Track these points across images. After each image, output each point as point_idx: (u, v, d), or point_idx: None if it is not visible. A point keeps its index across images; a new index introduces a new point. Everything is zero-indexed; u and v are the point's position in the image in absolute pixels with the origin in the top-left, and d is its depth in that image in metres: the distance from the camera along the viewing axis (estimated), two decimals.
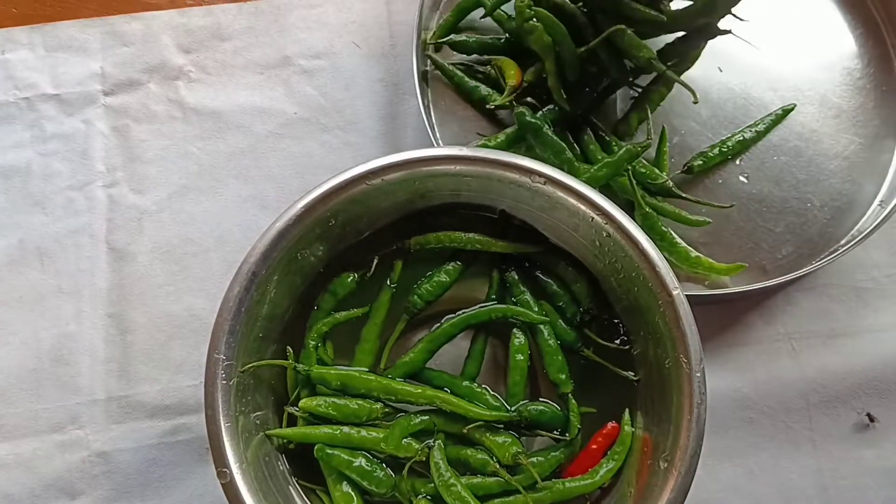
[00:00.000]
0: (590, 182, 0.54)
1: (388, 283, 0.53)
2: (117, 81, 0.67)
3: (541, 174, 0.46)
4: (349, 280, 0.52)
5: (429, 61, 0.65)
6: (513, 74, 0.62)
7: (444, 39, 0.66)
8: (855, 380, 0.58)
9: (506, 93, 0.62)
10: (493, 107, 0.62)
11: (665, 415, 0.44)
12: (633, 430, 0.48)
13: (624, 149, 0.58)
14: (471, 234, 0.53)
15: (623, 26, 0.57)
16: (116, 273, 0.61)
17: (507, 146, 0.61)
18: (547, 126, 0.59)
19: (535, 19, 0.58)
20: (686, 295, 0.44)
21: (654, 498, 0.42)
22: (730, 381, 0.58)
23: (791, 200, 0.62)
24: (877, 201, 0.62)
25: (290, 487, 0.47)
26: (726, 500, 0.55)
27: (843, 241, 0.60)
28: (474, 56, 0.66)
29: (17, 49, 0.68)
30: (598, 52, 0.59)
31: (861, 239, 0.58)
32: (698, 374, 0.42)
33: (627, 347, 0.50)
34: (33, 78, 0.67)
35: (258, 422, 0.46)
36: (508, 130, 0.61)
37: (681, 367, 0.43)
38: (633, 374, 0.49)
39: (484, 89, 0.64)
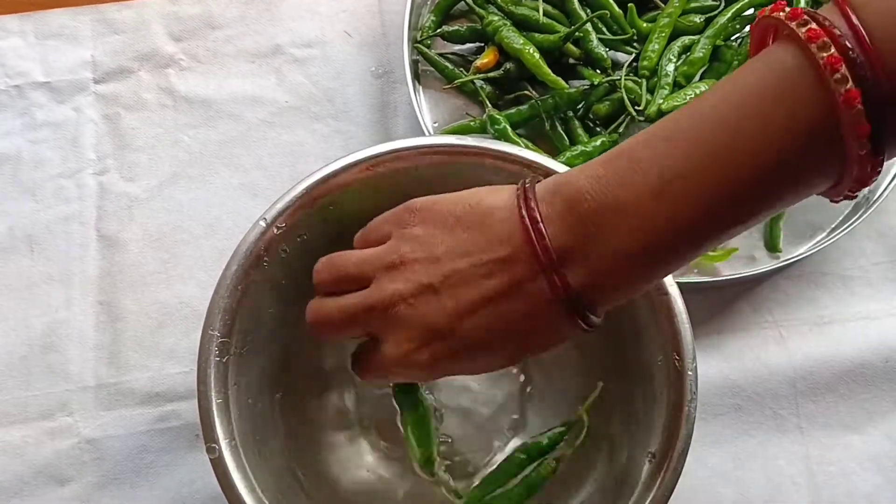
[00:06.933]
0: None
1: None
2: (108, 69, 0.67)
3: (541, 166, 0.46)
4: None
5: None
6: (485, 56, 0.63)
7: (436, 32, 0.66)
8: (842, 367, 0.58)
9: (470, 72, 0.63)
10: (448, 87, 0.64)
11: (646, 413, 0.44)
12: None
13: (599, 140, 0.59)
14: None
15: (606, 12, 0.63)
16: (107, 260, 0.61)
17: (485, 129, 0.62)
18: (513, 131, 0.60)
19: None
20: (677, 282, 0.44)
21: (640, 494, 0.42)
22: (717, 368, 0.58)
23: None
24: (865, 189, 0.62)
25: (282, 465, 0.47)
26: (714, 486, 0.56)
27: (830, 230, 0.61)
28: (470, 45, 0.66)
29: (8, 37, 0.67)
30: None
31: (848, 227, 0.58)
32: (690, 373, 0.42)
33: None
34: (24, 66, 0.67)
35: (250, 400, 0.46)
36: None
37: (672, 364, 0.42)
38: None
39: (476, 82, 0.63)
